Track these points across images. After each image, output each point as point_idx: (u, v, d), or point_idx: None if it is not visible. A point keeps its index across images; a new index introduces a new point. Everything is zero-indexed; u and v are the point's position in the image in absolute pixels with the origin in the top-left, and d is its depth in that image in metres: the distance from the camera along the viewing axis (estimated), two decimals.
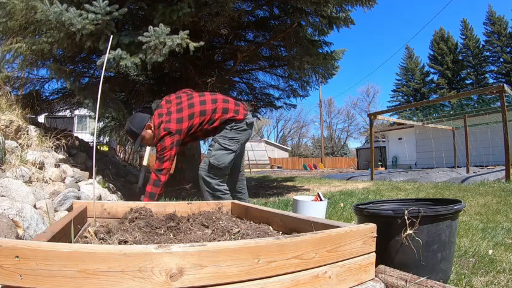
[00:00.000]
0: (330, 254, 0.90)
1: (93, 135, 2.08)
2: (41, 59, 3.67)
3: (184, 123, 2.12)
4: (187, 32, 3.10)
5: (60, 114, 6.71)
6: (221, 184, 2.24)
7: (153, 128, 2.17)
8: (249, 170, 16.99)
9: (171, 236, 1.24)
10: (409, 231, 1.22)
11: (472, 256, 1.63)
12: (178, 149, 2.17)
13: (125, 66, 3.04)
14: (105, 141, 10.89)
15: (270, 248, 0.79)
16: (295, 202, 2.30)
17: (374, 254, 1.02)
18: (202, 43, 3.24)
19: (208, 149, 2.26)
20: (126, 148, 12.38)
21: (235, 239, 1.19)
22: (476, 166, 9.86)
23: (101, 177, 3.53)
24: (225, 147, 2.19)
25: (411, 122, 11.31)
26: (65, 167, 2.90)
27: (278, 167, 25.92)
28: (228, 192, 2.27)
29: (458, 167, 9.80)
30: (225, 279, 0.73)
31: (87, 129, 19.53)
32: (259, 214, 1.58)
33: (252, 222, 1.56)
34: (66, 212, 2.05)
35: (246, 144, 2.53)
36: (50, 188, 2.30)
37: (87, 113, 13.29)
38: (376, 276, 1.03)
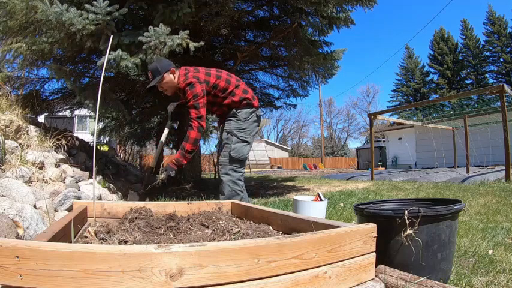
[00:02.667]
0: (330, 254, 0.90)
1: (93, 135, 2.08)
2: (41, 59, 3.67)
3: (212, 78, 2.25)
4: (187, 32, 3.10)
5: (60, 114, 6.71)
6: (241, 180, 2.33)
7: (176, 74, 2.24)
8: (249, 170, 16.97)
9: (171, 236, 1.24)
10: (409, 231, 1.22)
11: (472, 256, 1.63)
12: (206, 100, 2.22)
13: (125, 67, 3.05)
14: (105, 141, 10.90)
15: (270, 248, 0.79)
16: (295, 202, 2.30)
17: (374, 254, 1.02)
18: (202, 43, 3.24)
19: (226, 143, 2.29)
20: (126, 148, 12.39)
21: (235, 239, 1.19)
22: (476, 166, 9.85)
23: (101, 177, 3.53)
24: (242, 140, 2.29)
25: (411, 122, 11.31)
26: (65, 167, 2.90)
27: (278, 167, 25.91)
28: (244, 191, 2.34)
29: (458, 167, 9.80)
30: (225, 279, 0.73)
31: (87, 129, 19.54)
32: (259, 214, 1.58)
33: (252, 222, 1.56)
34: (66, 212, 2.05)
35: None
36: (50, 188, 2.30)
37: (87, 113, 13.30)
38: (376, 276, 1.03)
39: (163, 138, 2.49)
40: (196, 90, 2.14)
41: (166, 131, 2.51)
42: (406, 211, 1.22)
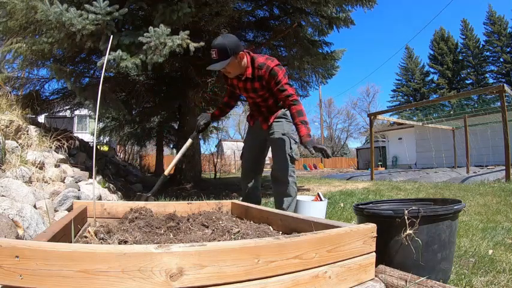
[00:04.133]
0: (330, 254, 0.90)
1: (93, 135, 2.08)
2: (41, 59, 3.67)
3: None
4: (187, 32, 3.10)
5: (60, 114, 6.72)
6: None
7: (245, 60, 1.98)
8: None
9: (171, 236, 1.24)
10: (409, 231, 1.22)
11: (472, 256, 1.63)
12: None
13: (125, 67, 3.05)
14: (105, 141, 10.92)
15: (270, 248, 0.80)
16: None
17: (374, 254, 1.02)
18: (202, 43, 3.25)
19: (281, 144, 2.12)
20: (126, 148, 12.40)
21: (235, 239, 1.19)
22: (476, 166, 9.85)
23: (101, 177, 3.53)
24: (296, 140, 2.16)
25: (411, 122, 11.31)
26: (65, 167, 2.90)
27: None
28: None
29: (458, 167, 9.80)
30: (225, 279, 0.73)
31: (87, 129, 19.54)
32: (259, 214, 1.58)
33: (252, 222, 1.56)
34: (66, 212, 2.05)
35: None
36: (50, 188, 2.30)
37: (87, 113, 13.32)
38: (376, 276, 1.03)
39: (184, 148, 2.33)
40: (284, 70, 2.00)
41: (189, 141, 2.33)
42: (406, 211, 1.22)
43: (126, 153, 12.40)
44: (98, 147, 9.52)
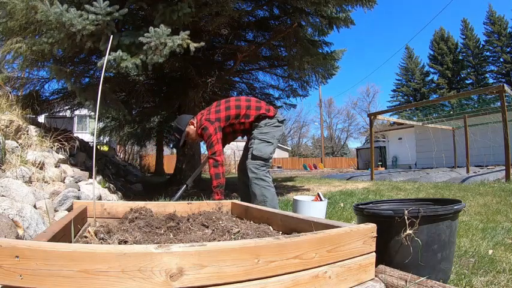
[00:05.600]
0: (330, 254, 0.90)
1: (93, 135, 2.08)
2: (41, 60, 3.67)
3: (221, 113, 2.45)
4: (187, 32, 3.10)
5: (60, 114, 6.72)
6: (267, 176, 2.41)
7: (195, 123, 2.50)
8: None
9: (171, 236, 1.24)
10: (408, 231, 1.22)
11: (472, 256, 1.63)
12: (220, 135, 2.43)
13: (125, 67, 3.05)
14: (105, 141, 10.93)
15: (270, 248, 0.80)
16: (295, 202, 2.30)
17: (374, 254, 1.02)
18: (202, 43, 3.24)
19: (249, 147, 2.46)
20: (126, 148, 12.40)
21: (235, 239, 1.19)
22: (476, 166, 9.84)
23: (101, 177, 3.53)
24: (263, 140, 2.43)
25: (411, 122, 11.31)
26: (65, 167, 2.90)
27: (278, 167, 25.88)
28: (273, 186, 2.41)
29: (458, 167, 9.79)
30: (225, 279, 0.73)
31: (87, 129, 19.52)
32: (259, 214, 1.58)
33: (252, 222, 1.56)
34: (66, 212, 2.05)
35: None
36: (50, 188, 2.30)
37: (87, 113, 13.31)
38: (376, 276, 1.03)
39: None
40: (210, 131, 2.36)
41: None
42: (406, 211, 1.22)
43: (126, 153, 12.41)
44: (98, 147, 9.53)
